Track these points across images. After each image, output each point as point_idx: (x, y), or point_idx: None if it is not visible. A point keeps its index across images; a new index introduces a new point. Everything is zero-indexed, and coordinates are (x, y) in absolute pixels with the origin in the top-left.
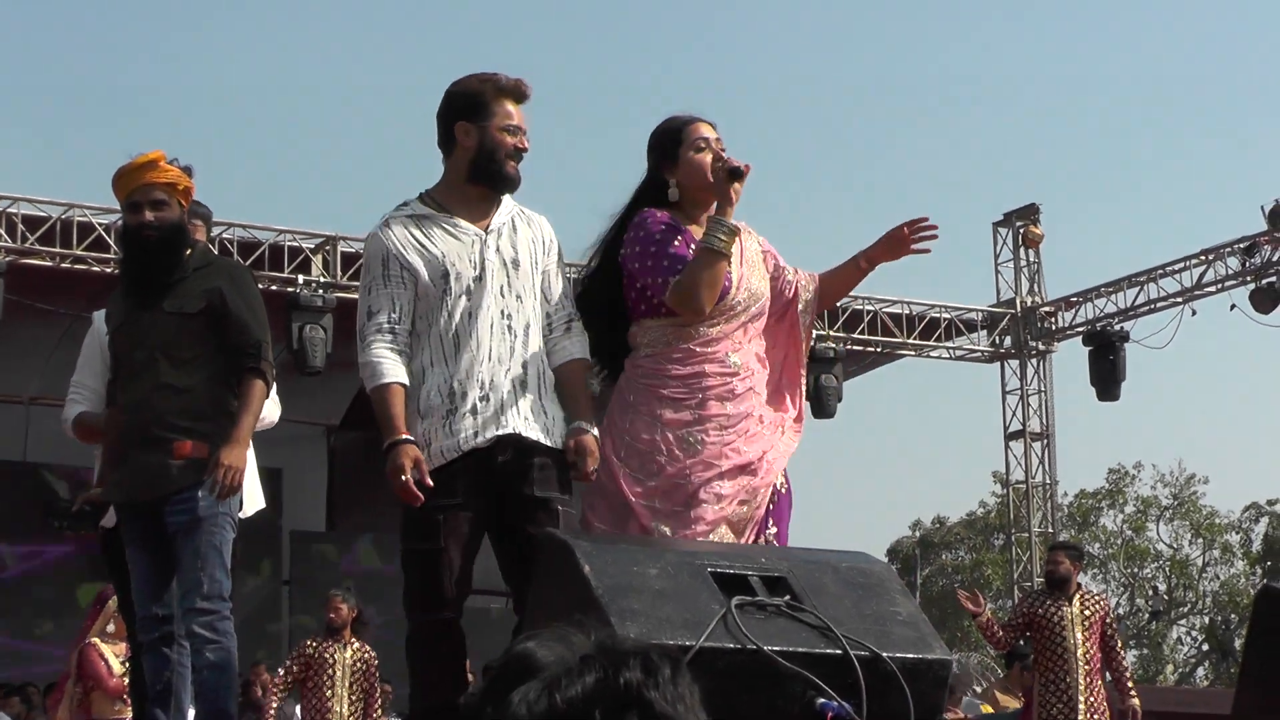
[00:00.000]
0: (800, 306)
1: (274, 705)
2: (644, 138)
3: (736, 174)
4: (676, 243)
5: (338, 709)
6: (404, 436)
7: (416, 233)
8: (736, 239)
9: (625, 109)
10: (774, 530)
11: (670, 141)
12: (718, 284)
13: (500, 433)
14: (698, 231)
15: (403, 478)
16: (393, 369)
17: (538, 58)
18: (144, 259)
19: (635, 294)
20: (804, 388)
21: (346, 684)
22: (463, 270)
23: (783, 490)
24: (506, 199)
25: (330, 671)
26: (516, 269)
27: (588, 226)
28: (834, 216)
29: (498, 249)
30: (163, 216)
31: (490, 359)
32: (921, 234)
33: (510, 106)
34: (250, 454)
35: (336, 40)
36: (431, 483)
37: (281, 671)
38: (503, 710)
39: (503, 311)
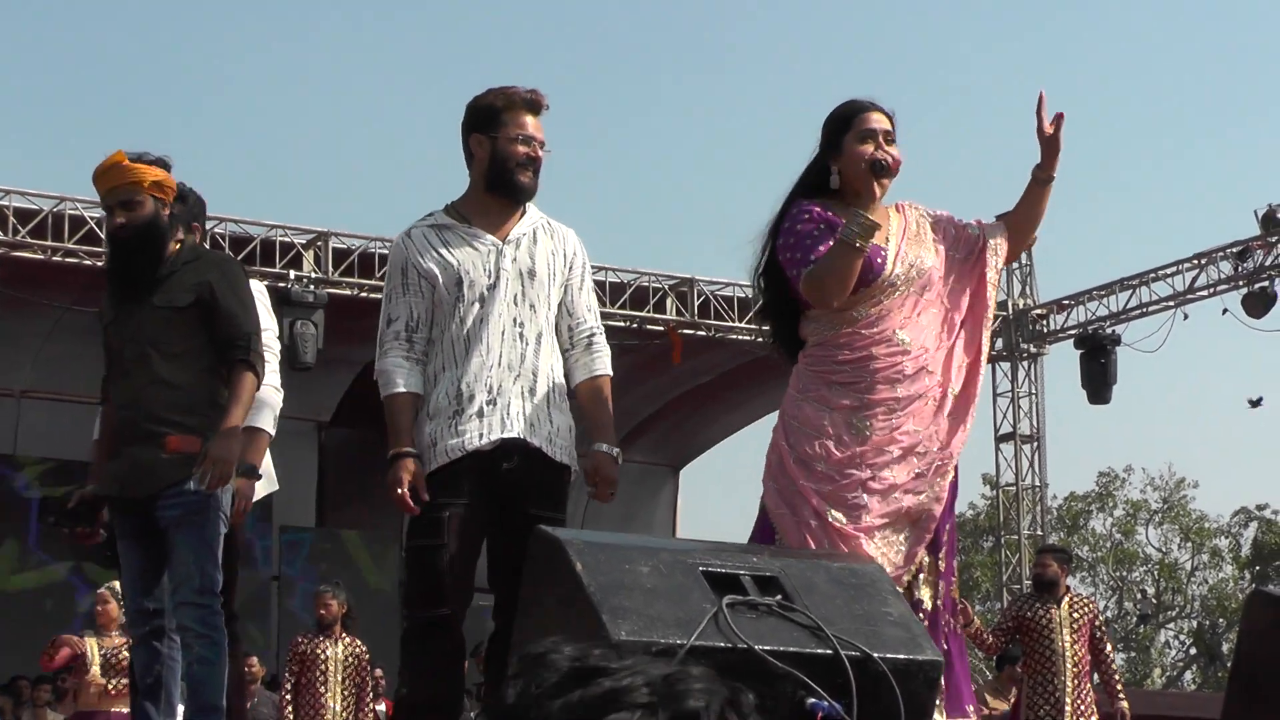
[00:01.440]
0: (990, 248)
1: (289, 710)
2: (637, 141)
3: (878, 168)
4: (818, 234)
5: (331, 704)
6: (407, 450)
7: (435, 241)
8: (877, 231)
9: (623, 120)
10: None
11: (838, 128)
12: (848, 277)
13: (505, 436)
14: None
15: (400, 490)
16: (405, 378)
17: (532, 54)
18: (123, 258)
19: (791, 287)
20: (989, 330)
21: (339, 679)
22: (476, 278)
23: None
24: (533, 211)
25: (322, 667)
26: (532, 279)
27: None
28: None
29: (514, 259)
30: (134, 216)
31: (500, 364)
32: (1043, 118)
33: (524, 117)
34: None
35: (330, 36)
36: (428, 497)
37: (288, 674)
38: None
39: (515, 319)
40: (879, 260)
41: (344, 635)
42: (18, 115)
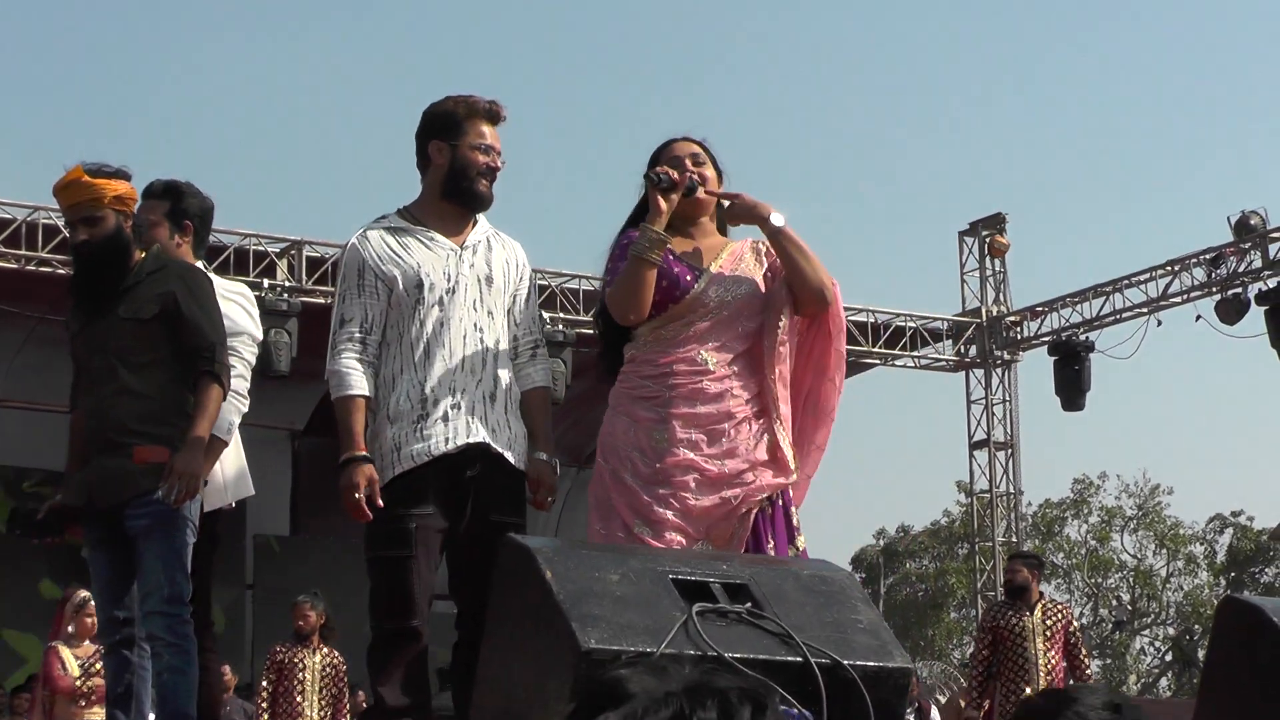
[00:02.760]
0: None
1: (265, 718)
2: (614, 149)
3: (654, 181)
4: (622, 262)
5: (308, 713)
6: (360, 453)
7: (393, 243)
8: (665, 244)
9: (600, 128)
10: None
11: (653, 160)
12: (640, 289)
13: (471, 440)
14: (679, 246)
15: (356, 495)
16: (358, 381)
17: (508, 63)
18: (87, 274)
19: None
20: (811, 393)
21: (316, 689)
22: (436, 281)
23: (778, 505)
24: (482, 222)
25: (300, 676)
26: (489, 285)
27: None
28: (799, 226)
29: (472, 264)
30: (95, 232)
31: (463, 368)
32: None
33: (484, 127)
34: (236, 440)
35: (305, 46)
36: (382, 503)
37: (265, 683)
38: None
39: (475, 324)
40: (688, 279)
41: (321, 646)
42: None
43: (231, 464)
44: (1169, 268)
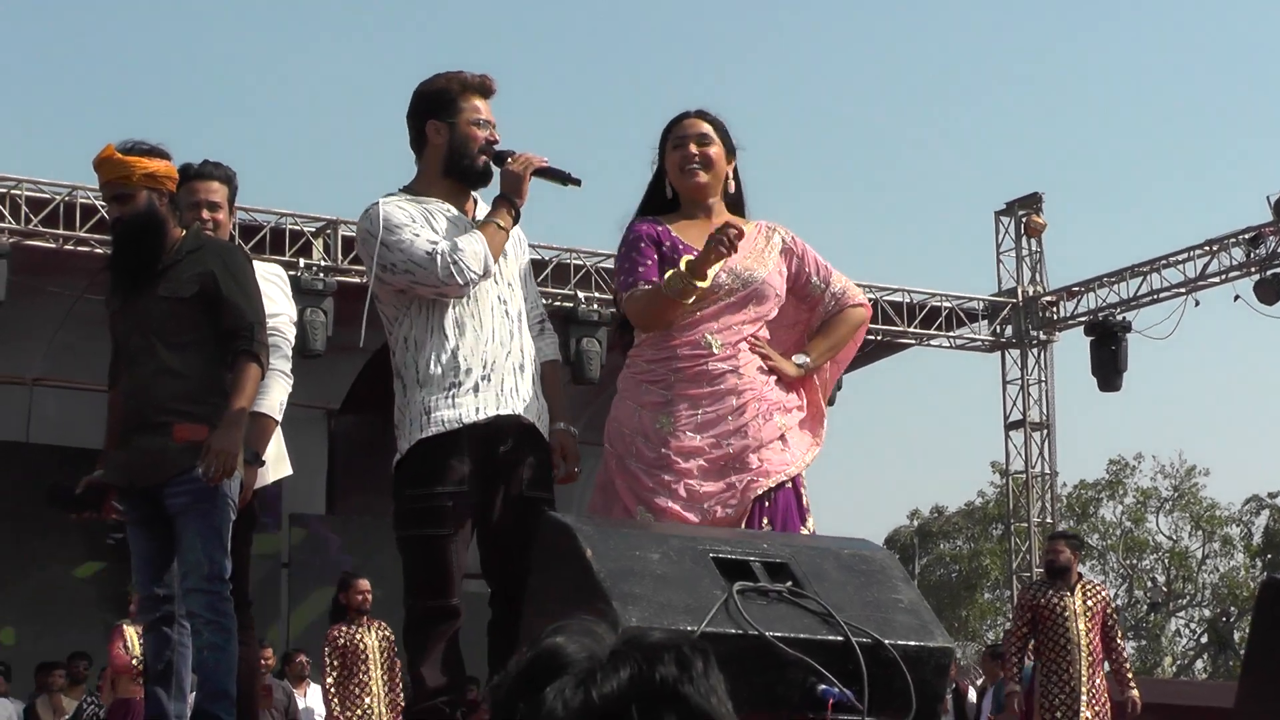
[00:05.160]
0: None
1: (334, 702)
2: (632, 130)
3: (720, 243)
4: (637, 256)
5: (375, 689)
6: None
7: (423, 211)
8: (695, 291)
9: (616, 100)
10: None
11: (662, 139)
12: (661, 317)
13: (501, 412)
14: (690, 229)
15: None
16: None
17: (531, 47)
18: (121, 251)
19: None
20: (822, 386)
21: (379, 665)
22: None
23: (787, 487)
24: (480, 200)
25: (364, 656)
26: (504, 258)
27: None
28: (835, 207)
29: None
30: (126, 209)
31: (493, 340)
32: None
33: (477, 101)
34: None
35: (339, 27)
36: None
37: (329, 668)
38: (536, 707)
39: (499, 297)
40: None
41: (373, 622)
42: (29, 105)
43: (271, 444)
44: (1207, 247)
